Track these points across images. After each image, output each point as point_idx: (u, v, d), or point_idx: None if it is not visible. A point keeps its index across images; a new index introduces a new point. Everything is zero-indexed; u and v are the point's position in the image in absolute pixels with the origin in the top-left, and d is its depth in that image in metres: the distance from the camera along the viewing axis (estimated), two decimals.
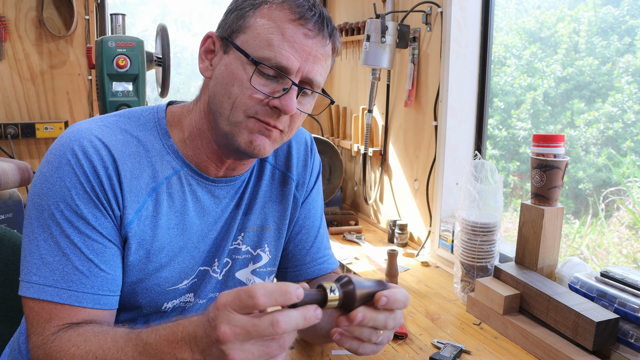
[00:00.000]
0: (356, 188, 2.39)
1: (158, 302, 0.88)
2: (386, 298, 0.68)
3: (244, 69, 0.79)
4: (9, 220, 1.80)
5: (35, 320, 0.77)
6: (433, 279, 1.61)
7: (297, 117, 0.84)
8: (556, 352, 1.09)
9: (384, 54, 1.89)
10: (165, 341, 0.67)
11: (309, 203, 1.05)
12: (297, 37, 0.79)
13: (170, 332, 0.68)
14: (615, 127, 2.08)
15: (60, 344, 0.75)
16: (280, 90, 0.79)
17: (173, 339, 0.67)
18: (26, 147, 2.35)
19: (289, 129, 0.84)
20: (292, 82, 0.79)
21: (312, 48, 0.80)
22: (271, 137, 0.82)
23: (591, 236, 2.19)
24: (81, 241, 0.78)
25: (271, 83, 0.79)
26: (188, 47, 3.43)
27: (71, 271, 0.77)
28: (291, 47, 0.78)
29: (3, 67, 2.26)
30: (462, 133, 1.77)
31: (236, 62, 0.80)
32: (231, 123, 0.81)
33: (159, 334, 0.69)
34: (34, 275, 0.77)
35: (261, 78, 0.79)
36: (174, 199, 0.86)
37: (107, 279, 0.80)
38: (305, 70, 0.80)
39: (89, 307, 0.78)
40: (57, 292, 0.76)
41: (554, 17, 2.35)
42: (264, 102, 0.79)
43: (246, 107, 0.79)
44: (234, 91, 0.80)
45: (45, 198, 0.77)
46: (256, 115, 0.80)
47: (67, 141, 0.79)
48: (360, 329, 0.69)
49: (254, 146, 0.81)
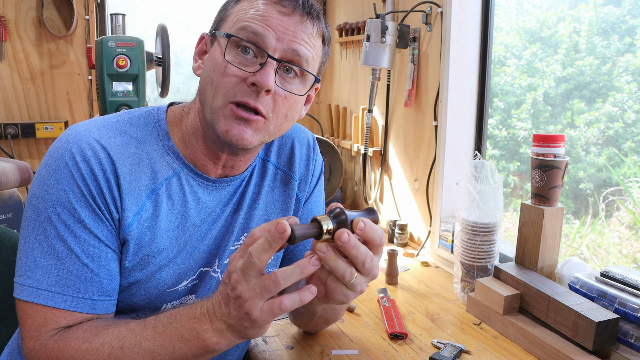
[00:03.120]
0: (356, 188, 2.39)
1: (157, 304, 0.88)
2: (364, 223, 0.69)
3: (221, 50, 0.80)
4: (9, 220, 1.80)
5: (29, 323, 0.77)
6: (433, 279, 1.61)
7: (282, 99, 0.81)
8: (556, 352, 1.09)
9: (384, 54, 1.89)
10: (186, 318, 0.75)
11: (311, 202, 1.05)
12: (271, 13, 0.79)
13: (190, 310, 0.75)
14: (616, 127, 2.08)
15: (64, 342, 0.75)
16: (257, 65, 0.78)
17: (192, 315, 0.74)
18: (26, 147, 2.35)
19: (274, 114, 0.81)
20: (267, 55, 0.78)
21: (289, 24, 0.79)
22: (252, 126, 0.79)
23: (591, 236, 2.19)
24: (77, 245, 0.77)
25: (248, 60, 0.79)
26: (188, 47, 3.43)
27: (66, 275, 0.77)
28: (264, 20, 0.78)
29: (3, 67, 2.26)
30: (462, 133, 1.77)
31: (217, 49, 0.81)
32: (212, 110, 0.80)
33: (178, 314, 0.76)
34: (27, 278, 0.76)
35: (237, 56, 0.79)
36: (173, 200, 0.86)
37: (102, 284, 0.79)
38: (284, 45, 0.79)
39: (84, 312, 0.78)
40: (52, 296, 0.76)
41: (554, 16, 2.35)
42: (241, 80, 0.78)
43: (226, 91, 0.78)
44: (215, 76, 0.80)
45: (43, 201, 0.77)
46: (235, 98, 0.78)
47: (66, 144, 0.79)
48: (336, 261, 0.68)
49: (231, 135, 0.79)
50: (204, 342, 0.73)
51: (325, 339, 1.18)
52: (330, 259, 0.68)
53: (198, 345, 0.73)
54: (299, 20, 0.80)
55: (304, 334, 1.20)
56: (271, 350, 1.13)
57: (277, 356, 1.11)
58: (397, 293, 1.49)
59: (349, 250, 0.68)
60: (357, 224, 0.69)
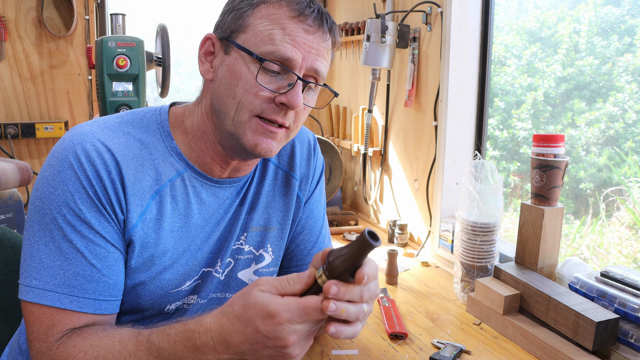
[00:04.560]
0: (356, 188, 2.39)
1: (161, 305, 0.88)
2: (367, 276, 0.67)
3: (247, 68, 0.79)
4: (9, 220, 1.80)
5: (37, 325, 0.76)
6: (433, 279, 1.61)
7: (302, 112, 0.84)
8: (556, 352, 1.09)
9: (384, 54, 1.89)
10: (183, 347, 0.70)
11: (312, 203, 1.05)
12: (297, 32, 0.79)
13: (185, 339, 0.70)
14: (617, 127, 2.08)
15: (65, 350, 0.75)
16: (285, 86, 0.79)
17: (191, 345, 0.70)
18: (26, 147, 2.35)
19: (295, 125, 0.84)
20: (297, 76, 0.79)
21: (314, 43, 0.80)
22: (277, 138, 0.82)
23: (591, 236, 2.19)
24: (84, 246, 0.77)
25: (276, 80, 0.79)
26: (188, 47, 3.43)
27: (72, 276, 0.76)
28: (292, 40, 0.78)
29: (3, 67, 2.26)
30: (462, 133, 1.77)
31: (239, 61, 0.80)
32: (236, 123, 0.81)
33: (171, 340, 0.71)
34: (34, 280, 0.76)
35: (265, 75, 0.79)
36: (177, 201, 0.86)
37: (108, 284, 0.79)
38: (308, 64, 0.80)
39: (90, 313, 0.78)
40: (59, 297, 0.76)
41: (554, 16, 2.35)
42: (270, 99, 0.79)
43: (252, 107, 0.79)
44: (239, 91, 0.79)
45: (48, 202, 0.77)
46: (262, 114, 0.79)
47: (70, 144, 0.78)
48: (347, 311, 0.68)
49: (260, 148, 0.81)
50: None
51: (326, 339, 1.18)
52: (342, 313, 0.67)
53: None
54: (321, 37, 0.81)
55: None
56: None
57: None
58: (397, 293, 1.49)
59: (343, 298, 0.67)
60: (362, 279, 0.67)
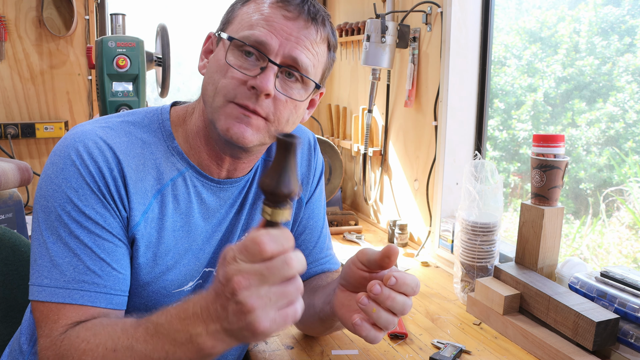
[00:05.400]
0: (356, 188, 2.39)
1: (164, 305, 0.88)
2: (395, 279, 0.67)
3: (225, 53, 0.80)
4: (9, 220, 1.80)
5: (44, 322, 0.76)
6: (433, 279, 1.61)
7: (282, 103, 0.81)
8: (556, 352, 1.09)
9: (384, 54, 1.89)
10: (177, 319, 0.67)
11: (312, 203, 1.05)
12: (275, 17, 0.79)
13: (181, 310, 0.67)
14: (617, 127, 2.08)
15: (70, 342, 0.74)
16: (258, 69, 0.79)
17: (184, 316, 0.66)
18: (26, 147, 2.35)
19: (275, 116, 0.81)
20: (268, 59, 0.78)
21: (293, 30, 0.79)
22: (252, 125, 0.79)
23: (591, 236, 2.19)
24: (91, 241, 0.77)
25: (249, 64, 0.79)
26: (188, 47, 3.43)
27: (83, 271, 0.76)
28: (269, 25, 0.78)
29: (3, 67, 2.26)
30: (462, 133, 1.77)
31: (221, 50, 0.82)
32: (213, 109, 0.80)
33: (169, 314, 0.68)
34: (45, 279, 0.75)
35: (240, 59, 0.79)
36: (179, 200, 0.86)
37: (119, 278, 0.79)
38: (286, 51, 0.79)
39: (101, 307, 0.77)
40: (69, 294, 0.75)
41: (554, 17, 2.35)
42: (242, 82, 0.78)
43: (226, 91, 0.79)
44: (216, 77, 0.80)
45: (52, 200, 0.77)
46: (235, 99, 0.78)
47: (72, 142, 0.79)
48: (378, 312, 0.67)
49: (232, 133, 0.78)
50: (198, 347, 0.66)
51: (326, 339, 1.18)
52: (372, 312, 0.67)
53: (192, 349, 0.67)
54: (303, 25, 0.80)
55: (304, 334, 1.20)
56: (271, 350, 1.13)
57: (277, 356, 1.11)
58: None
59: (384, 301, 0.68)
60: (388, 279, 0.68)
